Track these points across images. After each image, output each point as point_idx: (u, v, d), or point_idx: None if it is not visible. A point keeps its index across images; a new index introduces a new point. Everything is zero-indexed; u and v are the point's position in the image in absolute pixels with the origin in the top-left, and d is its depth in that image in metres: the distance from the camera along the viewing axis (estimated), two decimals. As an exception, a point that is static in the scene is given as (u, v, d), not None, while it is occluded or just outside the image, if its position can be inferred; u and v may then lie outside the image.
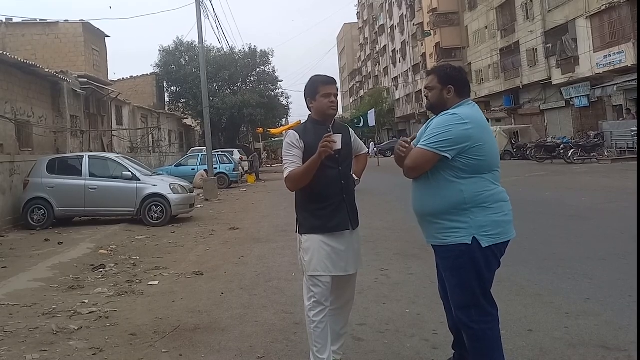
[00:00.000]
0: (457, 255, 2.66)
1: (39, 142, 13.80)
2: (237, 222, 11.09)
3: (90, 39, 21.82)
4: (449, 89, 2.79)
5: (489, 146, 2.69)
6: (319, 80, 3.12)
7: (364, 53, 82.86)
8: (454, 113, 2.70)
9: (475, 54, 38.02)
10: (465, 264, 2.64)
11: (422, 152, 2.68)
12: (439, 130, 2.65)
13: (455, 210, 2.64)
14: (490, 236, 2.63)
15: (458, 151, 2.61)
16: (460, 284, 2.68)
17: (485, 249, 2.63)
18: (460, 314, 2.71)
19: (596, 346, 3.45)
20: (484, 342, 2.67)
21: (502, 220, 2.68)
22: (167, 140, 29.99)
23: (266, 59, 36.36)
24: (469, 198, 2.63)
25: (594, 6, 23.91)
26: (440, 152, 2.62)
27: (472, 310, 2.67)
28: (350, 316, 3.47)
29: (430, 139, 2.66)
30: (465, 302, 2.68)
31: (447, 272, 2.77)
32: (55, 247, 8.77)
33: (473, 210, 2.63)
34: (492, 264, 2.69)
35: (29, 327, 4.45)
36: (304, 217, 3.10)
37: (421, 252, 6.41)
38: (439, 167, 2.67)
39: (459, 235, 2.64)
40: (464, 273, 2.66)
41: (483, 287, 2.69)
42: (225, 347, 3.81)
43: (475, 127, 2.65)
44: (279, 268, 6.28)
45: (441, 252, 2.77)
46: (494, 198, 2.67)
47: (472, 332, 2.68)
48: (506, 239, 2.70)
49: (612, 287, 4.71)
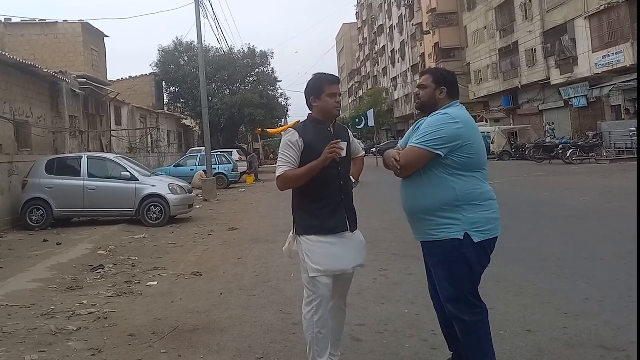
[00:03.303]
0: (448, 250, 2.71)
1: (37, 143, 13.79)
2: (236, 222, 11.09)
3: (89, 39, 21.81)
4: (442, 89, 2.87)
5: (478, 145, 2.77)
6: (326, 79, 3.04)
7: (363, 53, 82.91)
8: (446, 113, 2.78)
9: (474, 54, 38.05)
10: (457, 258, 2.70)
11: (415, 151, 2.73)
12: (432, 129, 2.72)
13: (447, 207, 2.70)
14: (481, 232, 2.70)
15: (450, 149, 2.68)
16: (450, 278, 2.74)
17: (476, 244, 2.69)
18: (450, 307, 2.77)
19: (595, 346, 3.46)
20: (476, 334, 2.74)
21: (492, 217, 2.76)
22: (166, 140, 29.98)
23: (265, 60, 36.41)
24: (461, 195, 2.70)
25: (592, 6, 23.94)
26: (434, 149, 2.68)
27: (461, 303, 2.73)
28: (346, 318, 3.45)
29: (423, 138, 2.72)
30: (455, 296, 2.74)
31: (437, 267, 2.83)
32: (54, 247, 8.76)
33: (465, 207, 2.70)
34: (482, 259, 2.76)
35: (27, 328, 4.44)
36: (301, 217, 3.05)
37: (420, 252, 6.29)
38: (432, 164, 2.73)
39: (451, 230, 2.70)
40: (454, 267, 2.72)
41: (472, 283, 2.75)
42: (224, 348, 3.81)
43: (466, 127, 2.73)
44: (278, 268, 6.27)
45: (431, 248, 2.82)
46: (484, 196, 2.75)
47: (464, 324, 2.73)
48: (495, 235, 2.78)
49: (610, 287, 4.72)
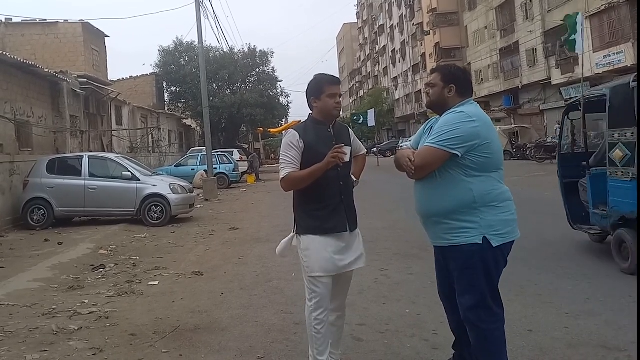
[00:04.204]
0: (469, 256, 2.62)
1: (38, 142, 13.79)
2: (237, 222, 11.09)
3: (90, 39, 21.81)
4: (451, 87, 2.76)
5: (495, 145, 2.67)
6: (326, 80, 3.05)
7: (363, 53, 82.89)
8: (461, 111, 2.66)
9: (475, 54, 38.03)
10: (476, 264, 2.62)
11: (431, 151, 2.63)
12: (448, 128, 2.61)
13: (464, 210, 2.61)
14: (500, 235, 2.61)
15: (467, 149, 2.58)
16: (471, 284, 2.65)
17: (495, 248, 2.61)
18: (469, 314, 2.68)
19: (596, 346, 3.46)
20: (491, 341, 2.66)
21: (510, 219, 2.67)
22: (167, 140, 29.96)
23: (266, 59, 36.38)
24: (479, 197, 2.60)
25: (593, 6, 23.93)
26: (450, 149, 2.57)
27: (480, 310, 2.64)
28: (347, 318, 3.46)
29: (439, 137, 2.61)
30: (475, 302, 2.65)
31: (457, 272, 2.73)
32: (55, 247, 8.76)
33: (482, 209, 2.60)
34: (500, 263, 2.68)
35: (29, 328, 4.45)
36: (301, 217, 3.07)
37: (421, 252, 6.41)
38: (448, 165, 2.62)
39: (469, 235, 2.61)
40: (474, 273, 2.63)
41: (492, 287, 2.67)
42: (225, 347, 3.81)
43: (482, 125, 2.63)
44: (279, 268, 6.27)
45: (450, 253, 2.72)
46: (502, 197, 2.66)
47: (480, 331, 2.66)
48: (513, 238, 2.69)
49: (611, 287, 4.72)
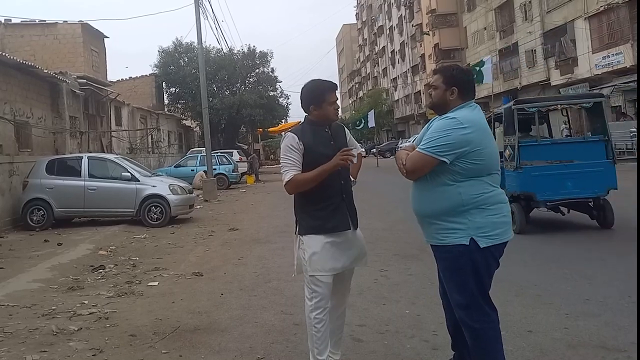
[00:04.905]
0: (456, 256, 2.66)
1: (38, 143, 13.79)
2: (237, 222, 11.09)
3: (89, 40, 21.83)
4: (453, 90, 2.76)
5: (489, 150, 2.68)
6: (326, 87, 3.06)
7: (363, 54, 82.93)
8: (454, 117, 2.67)
9: (474, 54, 37.98)
10: (464, 264, 2.65)
11: (420, 156, 2.69)
12: (437, 135, 2.65)
13: (453, 212, 2.65)
14: (488, 237, 2.63)
15: (456, 155, 2.61)
16: (459, 284, 2.69)
17: (483, 249, 2.63)
18: (461, 313, 2.72)
19: (596, 347, 3.46)
20: (485, 340, 2.68)
21: (501, 221, 2.68)
22: (167, 141, 29.97)
23: (265, 60, 36.39)
24: (467, 200, 2.63)
25: (592, 7, 23.95)
26: (439, 156, 2.62)
27: (471, 310, 2.68)
28: (347, 319, 3.47)
29: (428, 143, 2.66)
30: (465, 302, 2.69)
31: (445, 272, 2.79)
32: (54, 247, 8.76)
33: (471, 211, 2.64)
34: (490, 265, 2.69)
35: (28, 328, 4.45)
36: (302, 218, 3.09)
37: (420, 252, 6.41)
38: (438, 170, 2.67)
39: (457, 236, 2.65)
40: (462, 274, 2.66)
41: (481, 289, 2.69)
42: (225, 348, 3.81)
43: (475, 131, 2.64)
44: (279, 269, 6.27)
45: (440, 252, 2.78)
46: (493, 200, 2.67)
47: (474, 330, 2.68)
48: (504, 240, 2.70)
49: (611, 287, 4.72)
